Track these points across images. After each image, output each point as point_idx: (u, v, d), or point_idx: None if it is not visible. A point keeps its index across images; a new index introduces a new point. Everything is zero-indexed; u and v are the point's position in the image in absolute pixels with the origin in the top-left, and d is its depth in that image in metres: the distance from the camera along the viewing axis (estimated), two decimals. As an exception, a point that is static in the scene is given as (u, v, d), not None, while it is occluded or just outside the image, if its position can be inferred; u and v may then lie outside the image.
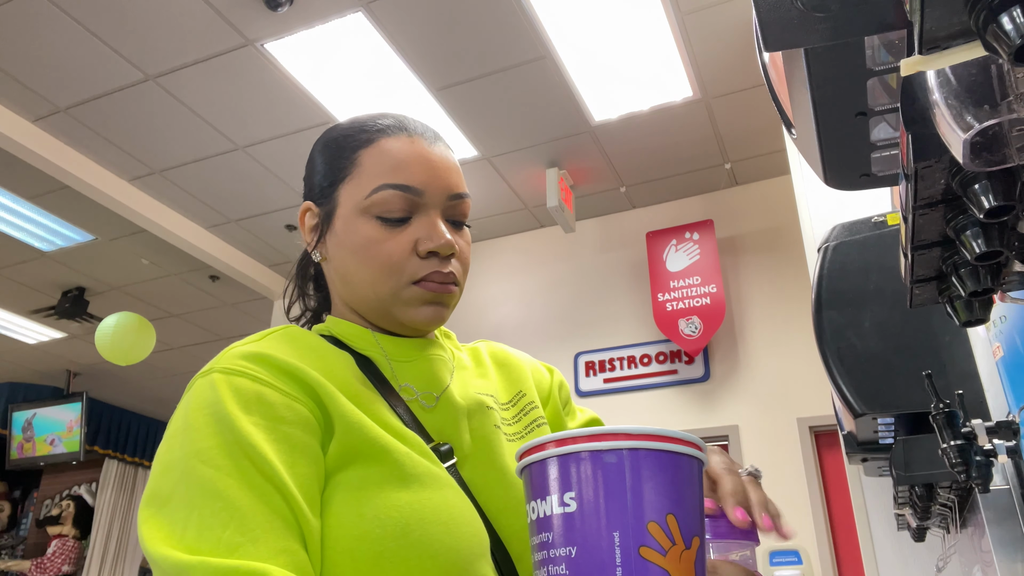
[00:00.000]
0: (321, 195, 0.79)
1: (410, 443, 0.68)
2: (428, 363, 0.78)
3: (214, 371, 0.66)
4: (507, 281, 4.92)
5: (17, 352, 6.79)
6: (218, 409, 0.62)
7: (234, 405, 0.62)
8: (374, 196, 0.74)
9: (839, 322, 1.25)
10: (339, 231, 0.76)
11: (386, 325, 0.77)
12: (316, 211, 0.80)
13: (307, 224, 0.81)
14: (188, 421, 0.63)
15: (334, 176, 0.78)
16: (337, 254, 0.77)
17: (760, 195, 4.47)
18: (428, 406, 0.75)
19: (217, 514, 0.57)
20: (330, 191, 0.78)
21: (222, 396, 0.63)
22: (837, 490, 3.77)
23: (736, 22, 3.34)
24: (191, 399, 0.65)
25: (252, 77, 3.63)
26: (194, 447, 0.60)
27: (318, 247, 0.80)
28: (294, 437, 0.63)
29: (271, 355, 0.67)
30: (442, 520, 0.63)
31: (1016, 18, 0.35)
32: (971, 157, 0.42)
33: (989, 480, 0.88)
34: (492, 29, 3.36)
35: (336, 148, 0.79)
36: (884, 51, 0.55)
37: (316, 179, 0.81)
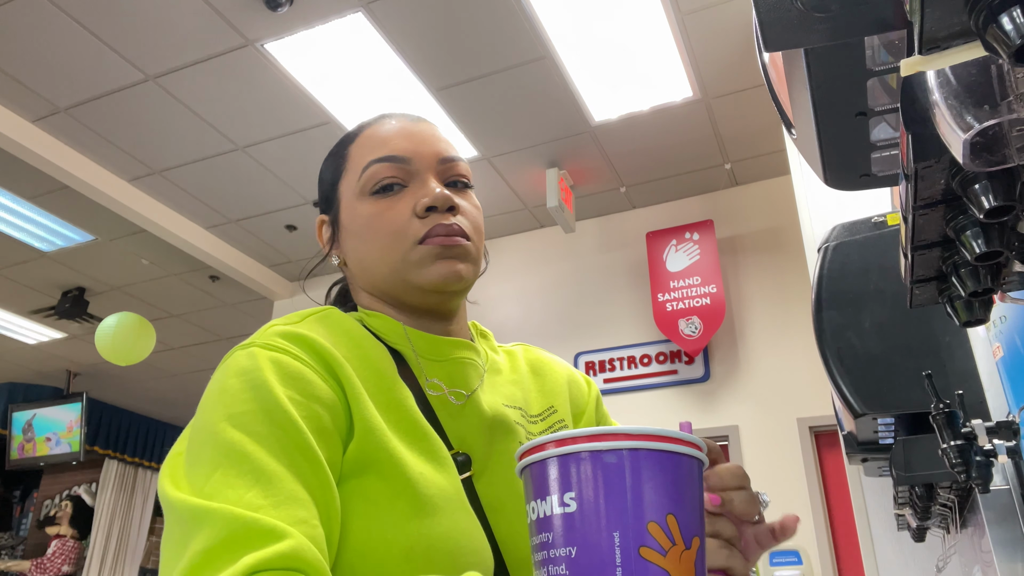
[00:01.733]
0: (327, 203, 0.83)
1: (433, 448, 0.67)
2: (459, 366, 0.76)
3: (254, 345, 0.66)
4: (507, 281, 4.92)
5: (17, 352, 6.79)
6: (256, 376, 0.62)
7: (272, 375, 0.62)
8: (364, 175, 0.77)
9: (839, 322, 1.25)
10: (346, 224, 0.79)
11: (410, 299, 0.76)
12: (327, 219, 0.83)
13: (323, 236, 0.84)
14: (224, 386, 0.63)
15: (333, 179, 0.82)
16: (350, 246, 0.79)
17: (760, 195, 4.47)
18: (456, 402, 0.74)
19: (243, 475, 0.56)
20: (332, 194, 0.82)
21: (261, 365, 0.63)
22: (837, 490, 3.77)
23: (736, 22, 3.34)
24: (228, 366, 0.65)
25: (252, 77, 3.63)
26: (228, 411, 0.60)
27: (335, 252, 0.82)
28: (324, 420, 0.62)
29: (310, 337, 0.67)
30: (448, 549, 0.62)
31: (1016, 18, 0.35)
32: (971, 157, 0.42)
33: (989, 480, 0.88)
34: (492, 29, 3.36)
35: (331, 157, 0.84)
36: (884, 51, 0.55)
37: (323, 192, 0.85)
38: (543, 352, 0.90)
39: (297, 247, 5.15)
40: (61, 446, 6.94)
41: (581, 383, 0.91)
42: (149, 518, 8.00)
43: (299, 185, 4.45)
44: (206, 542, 0.52)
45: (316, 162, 3.86)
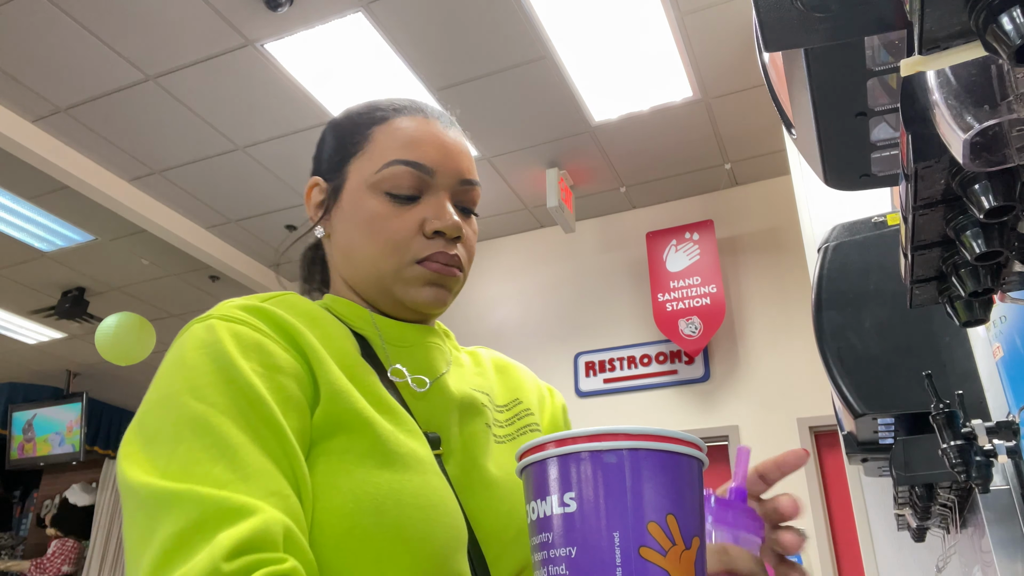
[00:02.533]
0: (330, 170, 0.79)
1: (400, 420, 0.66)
2: (424, 350, 0.76)
3: (213, 317, 0.64)
4: (507, 281, 4.92)
5: (17, 352, 6.79)
6: (217, 349, 0.60)
7: (234, 347, 0.60)
8: (384, 171, 0.74)
9: (839, 322, 1.25)
10: (346, 205, 0.76)
11: (385, 306, 0.76)
12: (324, 186, 0.79)
13: (313, 199, 0.80)
14: (183, 359, 0.60)
15: (345, 151, 0.77)
16: (342, 229, 0.76)
17: (760, 195, 4.47)
18: (419, 390, 0.72)
19: (208, 449, 0.54)
20: (340, 165, 0.77)
21: (221, 338, 0.61)
22: (837, 490, 3.77)
23: (736, 22, 3.34)
24: (187, 339, 0.63)
25: (252, 77, 3.63)
26: (188, 384, 0.58)
27: (322, 222, 0.79)
28: (289, 389, 0.61)
29: (269, 309, 0.66)
30: (420, 505, 0.60)
31: (1016, 18, 0.35)
32: (971, 157, 0.42)
33: (989, 480, 0.88)
34: (492, 29, 3.36)
35: (350, 125, 0.79)
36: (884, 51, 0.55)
37: (326, 155, 0.80)
38: (506, 357, 0.91)
39: (297, 247, 5.14)
40: (62, 446, 6.95)
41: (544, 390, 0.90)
42: (149, 518, 7.99)
43: (299, 185, 4.45)
44: (175, 526, 0.50)
45: (316, 162, 3.73)
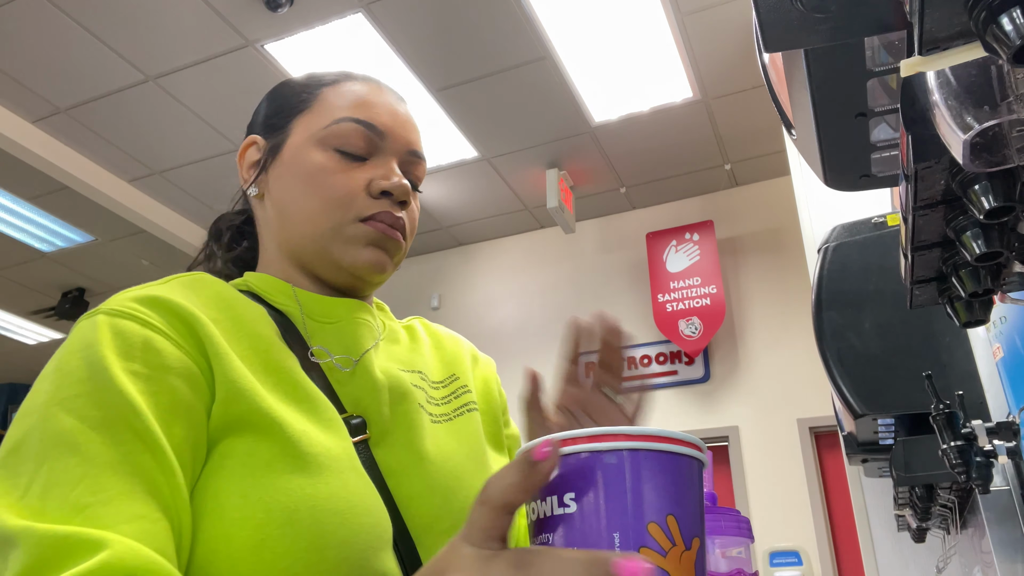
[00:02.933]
0: (270, 128, 0.75)
1: (318, 409, 0.62)
2: (352, 326, 0.71)
3: (99, 312, 0.59)
4: (507, 282, 4.92)
5: (17, 353, 6.79)
6: (93, 352, 0.55)
7: (111, 349, 0.56)
8: (334, 127, 0.71)
9: (839, 323, 1.25)
10: (287, 160, 0.72)
11: (320, 269, 0.71)
12: (262, 144, 0.75)
13: (248, 158, 0.75)
14: (59, 364, 0.56)
15: (290, 108, 0.74)
16: (280, 185, 0.72)
17: (760, 196, 4.47)
18: (344, 369, 0.68)
19: (70, 470, 0.50)
20: (282, 123, 0.74)
21: (100, 338, 0.56)
22: (837, 491, 3.77)
23: (736, 22, 3.34)
24: (70, 340, 0.58)
25: (252, 78, 3.63)
26: (59, 394, 0.54)
27: (257, 182, 0.74)
28: (178, 392, 0.56)
29: (168, 299, 0.61)
30: (337, 509, 0.57)
31: (1016, 19, 0.35)
32: (971, 158, 0.42)
33: (989, 481, 0.88)
34: (492, 30, 3.37)
35: (295, 86, 0.77)
36: (884, 52, 0.55)
37: (263, 115, 0.77)
38: (441, 327, 0.86)
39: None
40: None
41: (472, 360, 0.86)
42: (149, 519, 8.00)
43: (299, 186, 4.46)
44: (14, 570, 0.47)
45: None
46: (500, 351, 4.75)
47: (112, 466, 0.51)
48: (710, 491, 0.76)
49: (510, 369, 4.16)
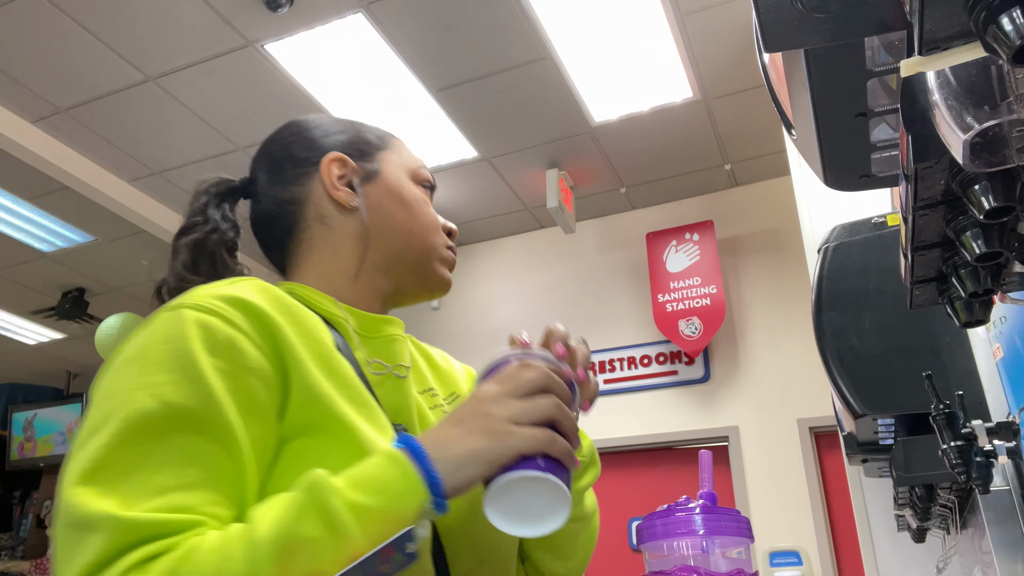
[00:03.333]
0: (360, 153, 0.85)
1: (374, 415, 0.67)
2: (392, 342, 0.79)
3: (184, 306, 0.61)
4: (507, 282, 4.92)
5: (17, 353, 6.78)
6: (181, 345, 0.58)
7: (199, 343, 0.58)
8: (417, 169, 0.86)
9: (839, 323, 1.25)
10: (390, 185, 0.83)
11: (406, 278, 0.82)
12: (353, 165, 0.83)
13: (333, 172, 0.82)
14: (143, 350, 0.58)
15: (377, 141, 0.87)
16: (381, 205, 0.81)
17: (760, 196, 4.47)
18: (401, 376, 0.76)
19: (152, 454, 0.53)
20: (372, 152, 0.85)
21: (188, 332, 0.59)
22: (837, 491, 3.77)
23: (736, 22, 3.34)
24: (154, 329, 0.60)
25: (252, 78, 3.63)
26: (144, 379, 0.56)
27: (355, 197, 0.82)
28: (255, 392, 0.59)
29: (250, 301, 0.63)
30: None
31: (1016, 19, 0.35)
32: (971, 158, 0.42)
33: (989, 481, 0.88)
34: (492, 30, 3.37)
35: (366, 128, 0.90)
36: (884, 52, 0.55)
37: (346, 139, 0.85)
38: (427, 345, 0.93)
39: (297, 248, 5.15)
40: (63, 446, 6.95)
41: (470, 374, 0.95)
42: (149, 519, 7.99)
43: (299, 186, 4.45)
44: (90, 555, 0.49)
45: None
46: (500, 351, 4.74)
47: (192, 455, 0.54)
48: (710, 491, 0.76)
49: (510, 369, 4.06)
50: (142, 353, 0.59)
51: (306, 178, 0.83)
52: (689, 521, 0.71)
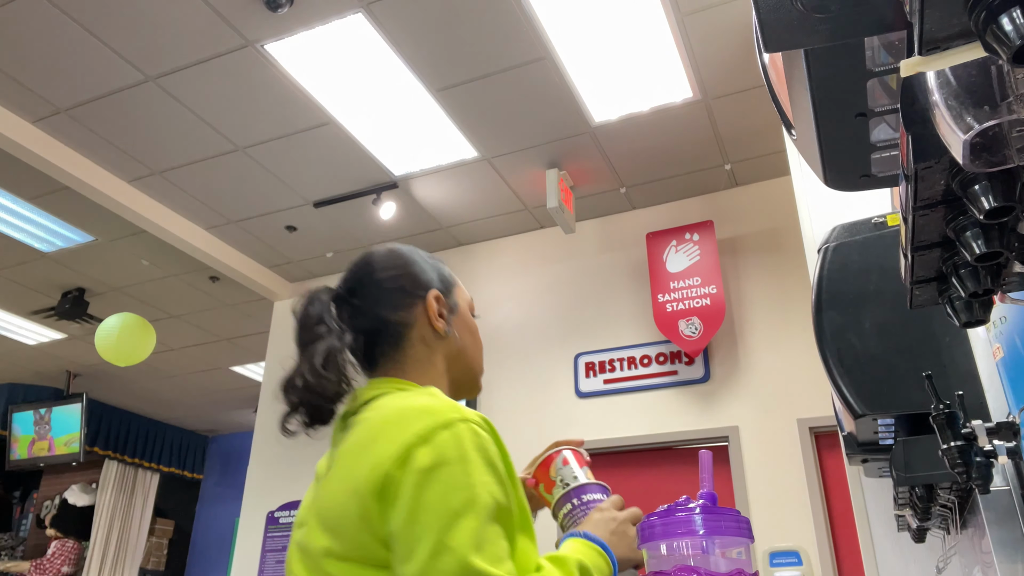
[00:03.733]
0: (445, 290, 1.11)
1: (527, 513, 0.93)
2: None
3: (470, 421, 0.87)
4: (507, 282, 4.92)
5: (17, 353, 6.78)
6: (485, 455, 0.85)
7: (492, 453, 0.86)
8: (471, 303, 1.17)
9: (839, 323, 1.25)
10: (463, 318, 1.13)
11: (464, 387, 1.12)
12: (444, 300, 1.09)
13: (434, 307, 1.07)
14: (465, 454, 0.83)
15: (452, 281, 1.14)
16: (461, 332, 1.11)
17: (760, 196, 4.47)
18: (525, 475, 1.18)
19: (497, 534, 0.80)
20: (451, 289, 1.12)
21: (483, 443, 0.86)
22: (837, 491, 3.77)
23: (736, 22, 3.34)
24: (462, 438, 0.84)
25: (252, 78, 3.63)
26: (479, 478, 0.82)
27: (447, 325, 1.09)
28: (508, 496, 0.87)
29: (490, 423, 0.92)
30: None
31: (1016, 19, 0.35)
32: (971, 158, 0.42)
33: (989, 481, 0.88)
34: (492, 30, 3.37)
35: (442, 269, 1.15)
36: (884, 52, 0.55)
37: (437, 278, 1.11)
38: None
39: (297, 247, 5.15)
40: (67, 447, 6.95)
41: None
42: (149, 519, 8.00)
43: (299, 186, 4.45)
44: None
45: (316, 162, 3.88)
46: (500, 351, 4.75)
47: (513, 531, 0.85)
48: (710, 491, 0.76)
49: (510, 368, 4.21)
50: (465, 457, 0.82)
51: (412, 308, 1.06)
52: (689, 521, 0.71)
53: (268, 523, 4.93)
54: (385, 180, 4.41)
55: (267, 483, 5.07)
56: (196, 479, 8.83)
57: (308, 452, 5.55)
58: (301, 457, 5.03)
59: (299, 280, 5.63)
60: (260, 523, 4.97)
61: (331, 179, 4.37)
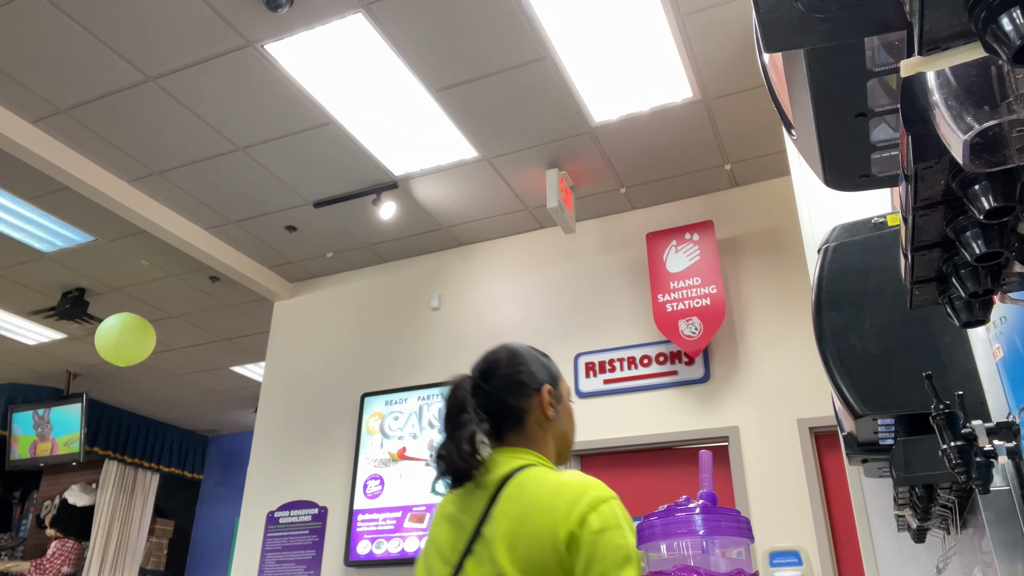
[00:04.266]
0: (554, 384, 1.46)
1: None
2: None
3: (616, 497, 1.22)
4: (507, 282, 4.92)
5: (17, 353, 6.78)
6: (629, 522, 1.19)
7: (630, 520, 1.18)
8: (571, 391, 1.51)
9: (839, 323, 1.25)
10: (566, 404, 1.48)
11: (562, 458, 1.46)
12: (554, 392, 1.44)
13: (547, 398, 1.42)
14: (619, 522, 1.17)
15: (557, 376, 1.49)
16: (563, 417, 1.46)
17: (760, 196, 4.47)
18: None
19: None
20: (557, 383, 1.47)
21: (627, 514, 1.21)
22: (837, 491, 3.76)
23: (736, 22, 3.34)
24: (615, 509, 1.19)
25: (252, 78, 3.63)
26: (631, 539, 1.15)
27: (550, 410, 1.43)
28: None
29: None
30: None
31: (1016, 19, 0.35)
32: (971, 158, 0.42)
33: (989, 481, 0.88)
34: (492, 30, 3.37)
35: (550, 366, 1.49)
36: (884, 52, 0.55)
37: (548, 375, 1.46)
38: None
39: (297, 248, 5.15)
40: (68, 447, 6.95)
41: None
42: (149, 519, 8.00)
43: (299, 186, 4.45)
44: None
45: (316, 162, 3.88)
46: (500, 351, 4.75)
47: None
48: (710, 491, 0.76)
49: (510, 369, 4.00)
50: (620, 524, 1.16)
51: (529, 398, 1.41)
52: (689, 521, 0.71)
53: (268, 523, 4.93)
54: (385, 180, 4.41)
55: (267, 483, 5.07)
56: (196, 479, 8.83)
57: (308, 453, 5.55)
58: (301, 458, 5.03)
59: (299, 280, 5.63)
60: (260, 523, 4.97)
61: (331, 179, 4.37)
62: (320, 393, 5.17)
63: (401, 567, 4.39)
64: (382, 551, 4.43)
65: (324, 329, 5.39)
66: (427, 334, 4.97)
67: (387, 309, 5.21)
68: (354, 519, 4.58)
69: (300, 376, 5.31)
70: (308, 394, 5.22)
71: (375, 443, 4.73)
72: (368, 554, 4.46)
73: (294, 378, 5.33)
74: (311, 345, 5.38)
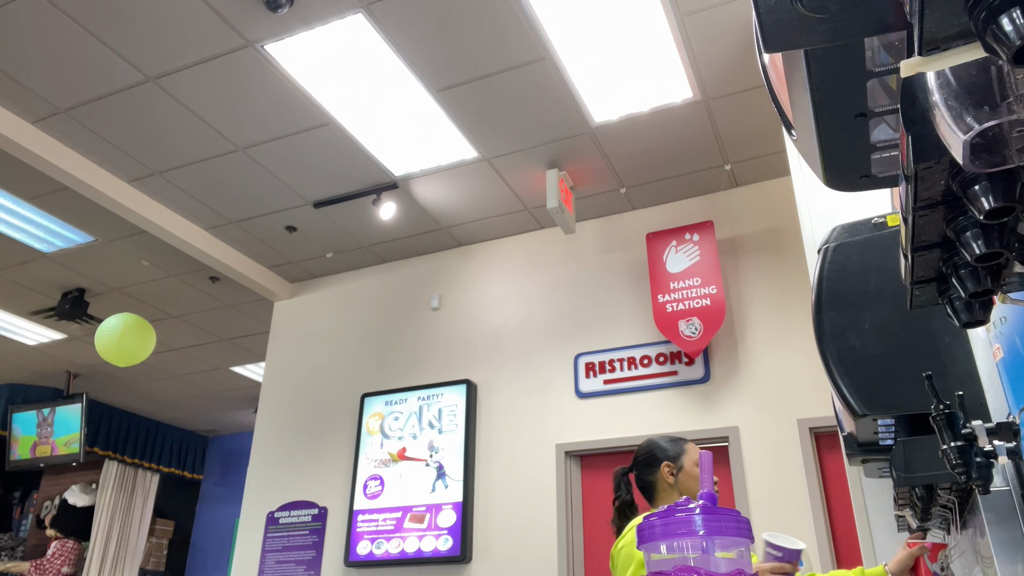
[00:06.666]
0: (675, 458, 2.09)
1: None
2: None
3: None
4: (507, 282, 4.92)
5: (17, 353, 6.79)
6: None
7: None
8: (697, 458, 1.90)
9: (839, 323, 1.25)
10: (687, 472, 2.08)
11: None
12: (672, 467, 2.08)
13: (666, 472, 2.09)
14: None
15: (681, 452, 2.11)
16: (685, 481, 2.07)
17: (760, 196, 4.47)
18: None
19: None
20: (680, 456, 2.10)
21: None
22: (837, 491, 3.76)
23: (736, 23, 3.34)
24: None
25: (252, 78, 3.63)
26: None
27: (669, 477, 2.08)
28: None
29: None
30: None
31: (1016, 19, 0.35)
32: (971, 158, 0.42)
33: (989, 481, 0.88)
34: (492, 30, 3.37)
35: (677, 445, 2.14)
36: (884, 52, 0.55)
37: (670, 454, 2.11)
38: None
39: (297, 248, 5.15)
40: (68, 447, 6.96)
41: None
42: (149, 519, 8.00)
43: (299, 186, 4.45)
44: None
45: (316, 162, 3.89)
46: (500, 351, 4.76)
47: None
48: (710, 491, 0.76)
49: (510, 369, 4.21)
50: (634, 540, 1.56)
51: (657, 471, 2.10)
52: (689, 521, 0.71)
53: (268, 523, 4.93)
54: (385, 180, 4.41)
55: (267, 483, 5.07)
56: (196, 479, 8.84)
57: (307, 453, 5.54)
58: (301, 458, 5.03)
59: (299, 280, 5.63)
60: (260, 523, 4.97)
61: (331, 179, 4.37)
62: (320, 393, 5.17)
63: (401, 567, 4.39)
64: (382, 551, 4.43)
65: (324, 329, 5.39)
66: (427, 334, 4.97)
67: (387, 309, 5.21)
68: (354, 519, 4.58)
69: (300, 376, 5.31)
70: (308, 394, 5.22)
71: (375, 443, 4.73)
72: (368, 554, 4.46)
73: (294, 378, 5.33)
74: (311, 345, 5.38)
